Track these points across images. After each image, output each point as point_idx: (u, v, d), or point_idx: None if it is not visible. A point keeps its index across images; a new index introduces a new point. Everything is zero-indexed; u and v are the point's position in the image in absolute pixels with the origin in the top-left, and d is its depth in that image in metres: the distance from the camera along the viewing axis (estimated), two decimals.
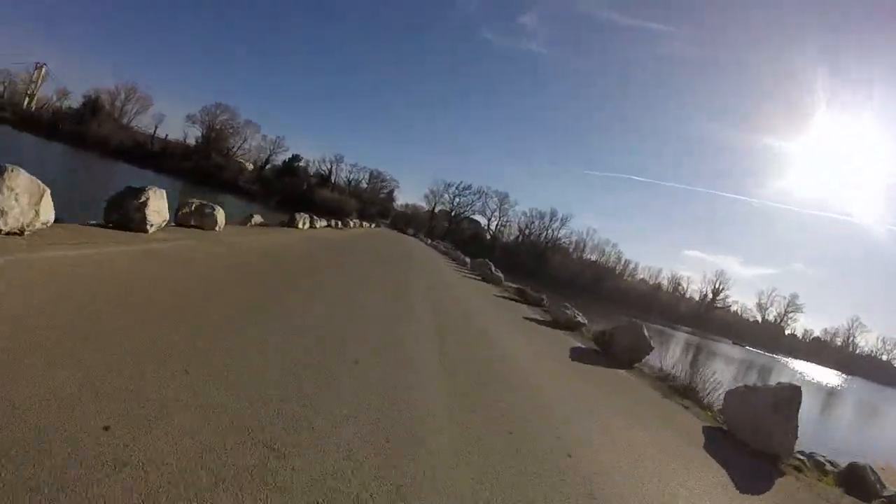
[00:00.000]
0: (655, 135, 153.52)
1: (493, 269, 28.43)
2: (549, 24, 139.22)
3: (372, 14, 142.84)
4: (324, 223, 28.14)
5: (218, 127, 78.81)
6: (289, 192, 76.00)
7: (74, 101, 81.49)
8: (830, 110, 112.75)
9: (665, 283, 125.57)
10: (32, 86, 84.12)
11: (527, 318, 16.22)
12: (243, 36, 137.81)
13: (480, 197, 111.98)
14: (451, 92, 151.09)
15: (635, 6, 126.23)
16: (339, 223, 36.16)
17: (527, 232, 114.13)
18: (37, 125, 78.82)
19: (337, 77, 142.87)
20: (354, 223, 52.87)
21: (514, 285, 27.87)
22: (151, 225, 8.01)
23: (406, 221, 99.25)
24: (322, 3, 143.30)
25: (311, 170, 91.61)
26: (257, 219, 17.61)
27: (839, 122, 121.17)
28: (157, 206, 8.15)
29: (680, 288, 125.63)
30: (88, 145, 78.21)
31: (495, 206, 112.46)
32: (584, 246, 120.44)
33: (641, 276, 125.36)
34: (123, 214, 7.79)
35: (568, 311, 15.69)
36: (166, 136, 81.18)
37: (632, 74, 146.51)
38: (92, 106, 79.42)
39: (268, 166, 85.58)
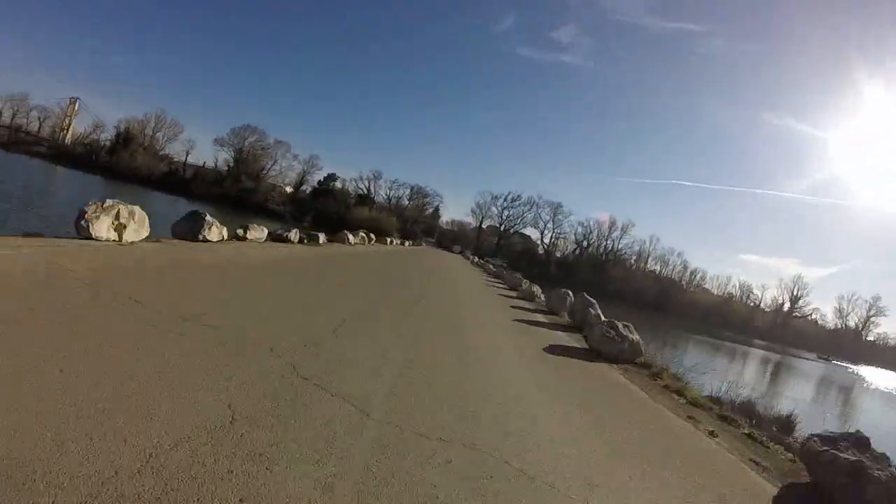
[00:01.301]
0: (701, 137, 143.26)
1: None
2: (586, 35, 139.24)
3: (406, 36, 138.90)
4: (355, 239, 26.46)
5: (247, 149, 73.47)
6: (323, 212, 68.93)
7: (108, 133, 78.81)
8: (877, 95, 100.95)
9: (735, 292, 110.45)
10: (67, 120, 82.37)
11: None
12: (275, 57, 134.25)
13: (531, 208, 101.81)
14: (492, 108, 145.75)
15: (669, 9, 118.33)
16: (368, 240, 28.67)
17: (584, 244, 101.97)
18: (72, 158, 77.00)
19: (374, 97, 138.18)
20: (392, 241, 44.96)
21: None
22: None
23: (452, 239, 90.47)
24: (356, 26, 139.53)
25: (349, 188, 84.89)
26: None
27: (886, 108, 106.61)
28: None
29: (752, 297, 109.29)
30: (122, 175, 75.15)
31: (548, 218, 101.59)
32: (647, 256, 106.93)
33: (708, 287, 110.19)
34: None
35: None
36: (204, 163, 77.17)
37: (673, 77, 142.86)
38: (123, 137, 76.24)
39: (302, 187, 79.29)
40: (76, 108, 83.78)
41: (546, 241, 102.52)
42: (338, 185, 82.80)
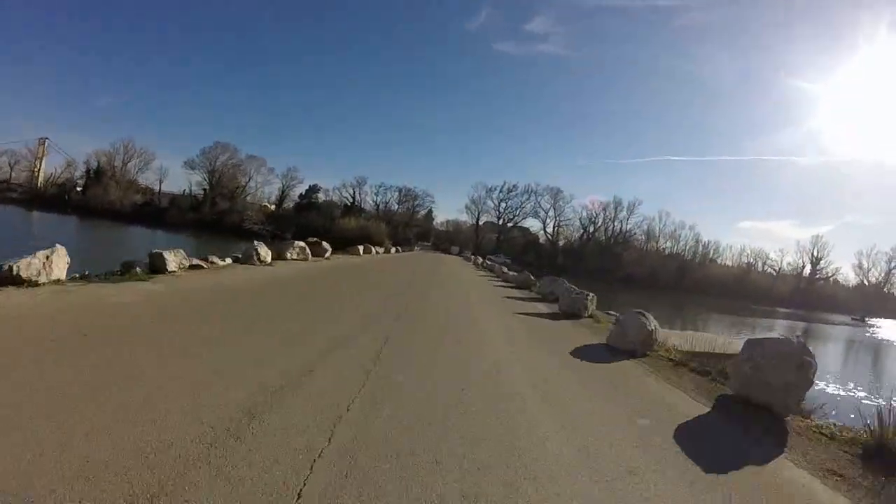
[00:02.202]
0: (687, 109, 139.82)
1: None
2: (560, 24, 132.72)
3: (382, 36, 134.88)
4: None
5: (219, 169, 69.29)
6: (307, 227, 64.23)
7: (81, 170, 75.35)
8: (861, 42, 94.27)
9: (751, 260, 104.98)
10: (37, 162, 78.90)
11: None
12: (242, 72, 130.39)
13: (530, 197, 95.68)
14: (474, 104, 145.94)
15: None
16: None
17: (591, 229, 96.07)
18: (46, 201, 73.76)
19: (352, 101, 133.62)
20: (377, 250, 39.84)
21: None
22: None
23: (448, 240, 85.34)
24: (325, 34, 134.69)
25: (334, 199, 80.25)
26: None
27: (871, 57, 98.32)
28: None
29: (769, 264, 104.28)
30: (97, 212, 71.42)
31: (549, 205, 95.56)
32: (658, 234, 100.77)
33: (722, 258, 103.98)
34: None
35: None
36: (184, 190, 72.82)
37: (652, 54, 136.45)
38: (94, 172, 72.55)
39: (284, 203, 74.79)
40: (45, 148, 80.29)
41: (549, 230, 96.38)
42: (321, 196, 78.23)
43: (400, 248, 52.19)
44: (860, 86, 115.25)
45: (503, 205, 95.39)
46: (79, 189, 75.10)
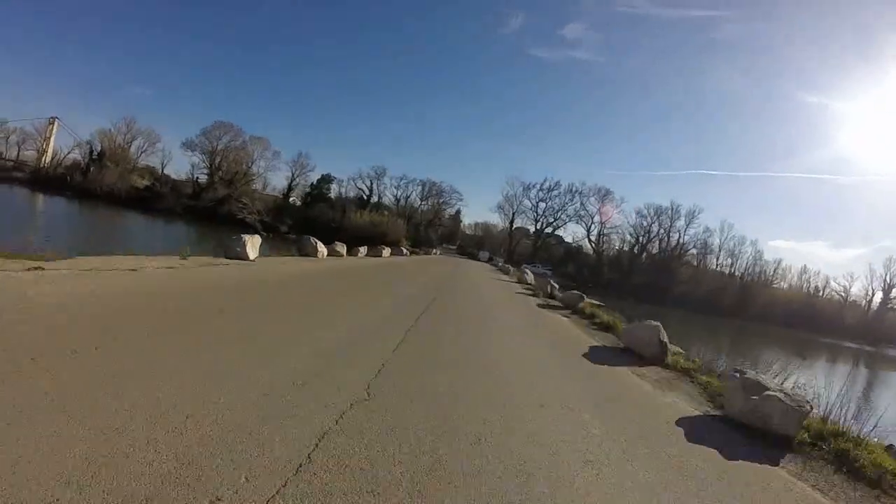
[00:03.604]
0: (721, 123, 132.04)
1: None
2: (594, 31, 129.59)
3: (411, 44, 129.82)
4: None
5: (221, 151, 61.34)
6: (316, 220, 55.37)
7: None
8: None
9: (817, 285, 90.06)
10: (45, 142, 73.83)
11: None
12: (271, 53, 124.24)
13: (573, 198, 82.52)
14: (507, 109, 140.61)
15: None
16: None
17: (643, 240, 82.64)
18: (52, 182, 68.39)
19: (379, 96, 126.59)
20: (386, 252, 30.11)
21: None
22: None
23: (477, 244, 74.50)
24: (357, 37, 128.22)
25: (349, 191, 71.07)
26: None
27: None
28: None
29: (835, 289, 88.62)
30: (96, 197, 65.17)
31: (595, 209, 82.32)
32: (719, 249, 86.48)
33: (781, 282, 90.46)
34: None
35: None
36: (188, 175, 65.22)
37: (685, 65, 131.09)
38: (97, 154, 66.39)
39: (292, 193, 66.21)
40: (55, 127, 75.25)
41: (594, 237, 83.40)
42: (335, 188, 69.40)
43: (405, 251, 40.49)
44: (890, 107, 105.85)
45: (542, 205, 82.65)
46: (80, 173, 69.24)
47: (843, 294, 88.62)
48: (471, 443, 3.47)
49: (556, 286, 21.96)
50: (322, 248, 17.34)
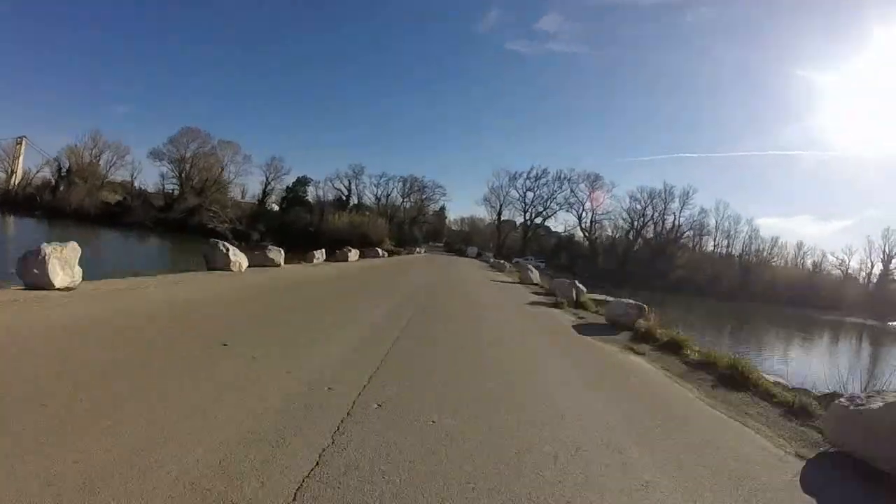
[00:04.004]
0: (698, 106, 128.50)
1: None
2: (570, 21, 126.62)
3: (386, 46, 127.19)
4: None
5: (189, 159, 58.65)
6: (293, 225, 52.84)
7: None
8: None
9: (815, 260, 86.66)
10: (14, 162, 71.13)
11: None
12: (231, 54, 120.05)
13: (562, 185, 79.14)
14: (486, 105, 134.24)
15: None
16: None
17: (638, 224, 79.93)
18: (20, 204, 65.90)
19: (351, 95, 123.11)
20: (354, 255, 25.76)
21: None
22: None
23: (464, 240, 71.82)
24: (335, 40, 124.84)
25: (327, 193, 68.23)
26: None
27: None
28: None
29: (837, 265, 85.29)
30: (65, 215, 62.67)
31: (585, 196, 79.68)
32: (716, 230, 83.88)
33: (780, 260, 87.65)
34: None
35: None
36: (164, 188, 62.06)
37: (662, 51, 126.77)
38: (65, 171, 63.84)
39: (267, 198, 63.55)
40: (23, 147, 72.59)
41: (585, 225, 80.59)
42: (312, 190, 66.68)
43: (382, 252, 36.78)
44: (873, 77, 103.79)
45: (530, 195, 79.04)
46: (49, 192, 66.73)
47: (842, 268, 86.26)
48: None
49: (583, 288, 16.26)
50: (239, 259, 13.37)
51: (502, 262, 43.19)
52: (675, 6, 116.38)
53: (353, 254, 25.87)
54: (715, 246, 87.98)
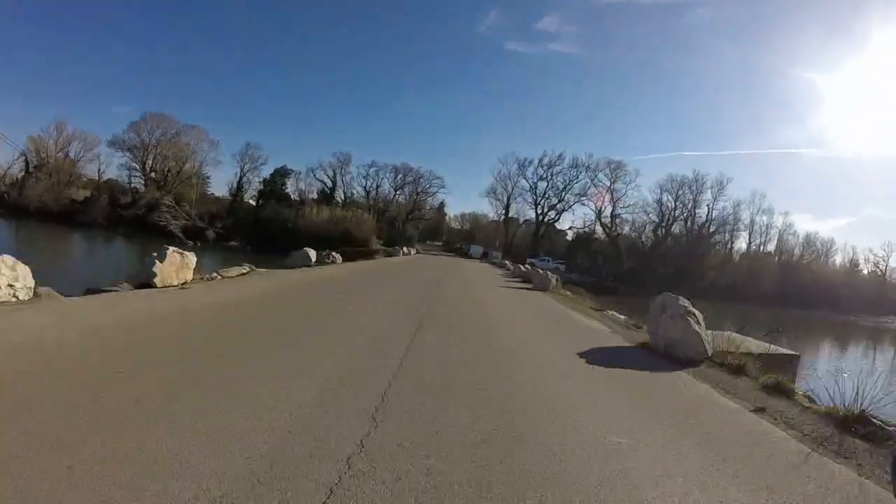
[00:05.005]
0: (697, 105, 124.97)
1: None
2: (570, 23, 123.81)
3: (391, 43, 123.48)
4: None
5: (153, 146, 51.88)
6: (264, 223, 45.70)
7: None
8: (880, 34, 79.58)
9: (854, 258, 79.79)
10: None
11: None
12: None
13: (579, 173, 69.06)
14: (485, 105, 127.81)
15: None
16: None
17: (669, 219, 69.97)
18: None
19: (351, 106, 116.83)
20: (296, 276, 18.05)
21: None
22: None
23: (466, 238, 63.57)
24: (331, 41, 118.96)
25: (310, 185, 60.73)
26: None
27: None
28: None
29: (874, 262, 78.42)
30: (29, 214, 57.05)
31: (607, 183, 69.42)
32: (752, 226, 73.95)
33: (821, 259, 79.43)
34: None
35: None
36: (130, 181, 55.45)
37: (663, 51, 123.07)
38: (31, 165, 58.20)
39: (241, 191, 56.39)
40: None
41: (605, 219, 70.85)
42: (292, 182, 59.36)
43: (334, 257, 28.21)
44: (871, 77, 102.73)
45: (542, 185, 68.71)
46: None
47: (879, 268, 78.57)
48: None
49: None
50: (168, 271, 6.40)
51: (526, 268, 31.16)
52: (672, 7, 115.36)
53: (296, 275, 18.16)
54: (750, 244, 77.89)
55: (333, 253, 18.32)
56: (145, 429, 2.79)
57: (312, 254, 17.96)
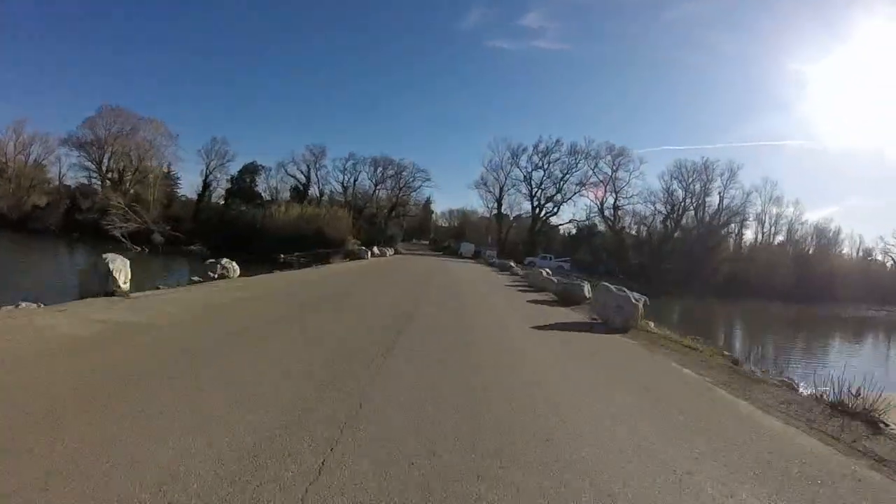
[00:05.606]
0: (681, 99, 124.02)
1: None
2: (553, 19, 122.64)
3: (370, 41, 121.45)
4: None
5: (109, 142, 47.70)
6: (230, 224, 41.24)
7: None
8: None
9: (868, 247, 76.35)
10: None
11: None
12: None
13: (578, 161, 62.89)
14: (470, 103, 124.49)
15: None
16: None
17: (679, 209, 64.26)
18: None
19: (332, 107, 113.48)
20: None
21: None
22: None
23: (455, 235, 58.71)
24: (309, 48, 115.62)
25: (283, 183, 56.21)
26: None
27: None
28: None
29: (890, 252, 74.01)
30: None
31: (609, 172, 63.38)
32: (764, 215, 68.66)
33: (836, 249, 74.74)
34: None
35: None
36: (90, 181, 51.14)
37: (645, 46, 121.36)
38: None
39: (207, 190, 52.04)
40: None
41: (606, 210, 64.91)
42: (263, 180, 54.93)
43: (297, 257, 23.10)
44: (853, 69, 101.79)
45: (537, 175, 62.81)
46: None
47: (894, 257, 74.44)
48: None
49: None
50: None
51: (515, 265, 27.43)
52: (653, 3, 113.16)
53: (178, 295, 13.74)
54: (763, 234, 72.11)
55: (224, 260, 12.83)
56: None
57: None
